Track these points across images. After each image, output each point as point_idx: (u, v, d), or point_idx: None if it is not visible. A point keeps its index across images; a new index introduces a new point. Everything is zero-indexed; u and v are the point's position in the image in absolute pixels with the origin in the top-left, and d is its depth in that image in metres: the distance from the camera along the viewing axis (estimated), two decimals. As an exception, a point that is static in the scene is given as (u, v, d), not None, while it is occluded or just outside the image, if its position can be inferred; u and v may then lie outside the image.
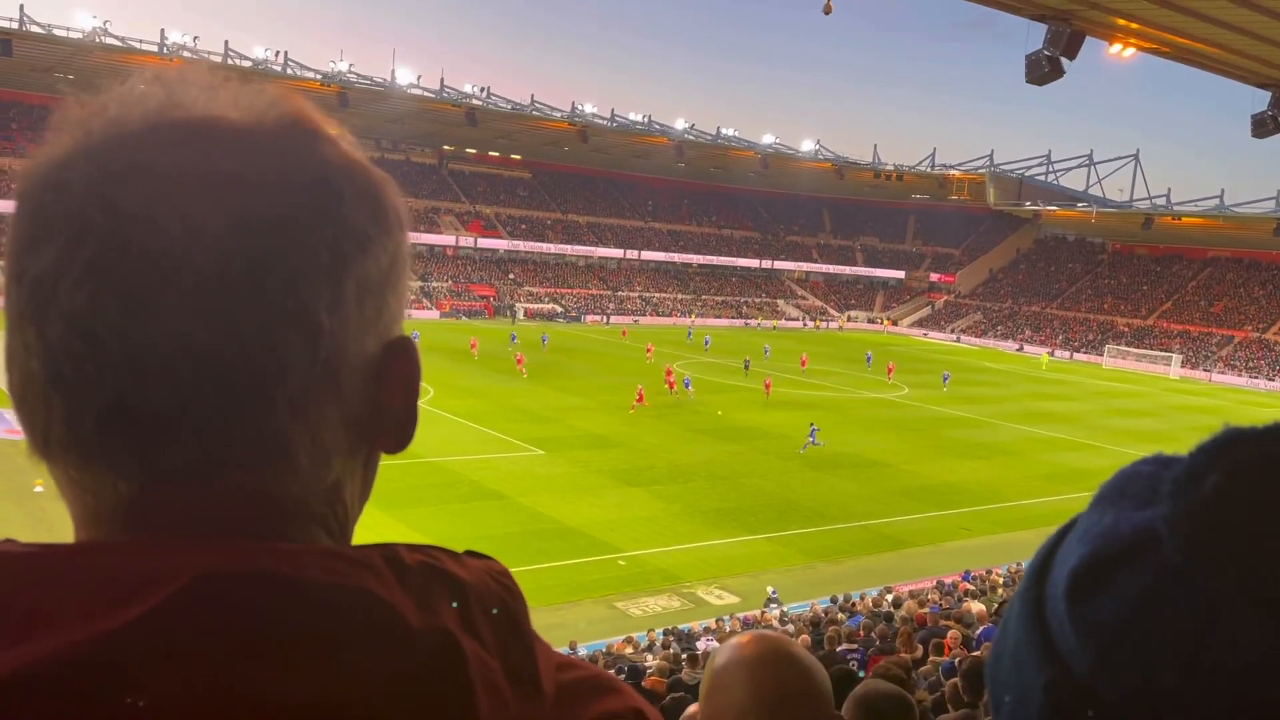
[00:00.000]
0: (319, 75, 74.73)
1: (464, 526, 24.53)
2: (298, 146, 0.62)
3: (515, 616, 0.64)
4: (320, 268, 0.59)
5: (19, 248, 0.59)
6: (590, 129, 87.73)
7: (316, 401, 0.61)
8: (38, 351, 0.58)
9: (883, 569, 23.70)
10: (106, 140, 0.60)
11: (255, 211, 0.58)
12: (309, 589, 0.55)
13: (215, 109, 0.61)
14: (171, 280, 0.56)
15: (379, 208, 0.66)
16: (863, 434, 40.45)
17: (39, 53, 65.56)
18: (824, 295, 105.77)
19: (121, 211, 0.56)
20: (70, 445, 0.59)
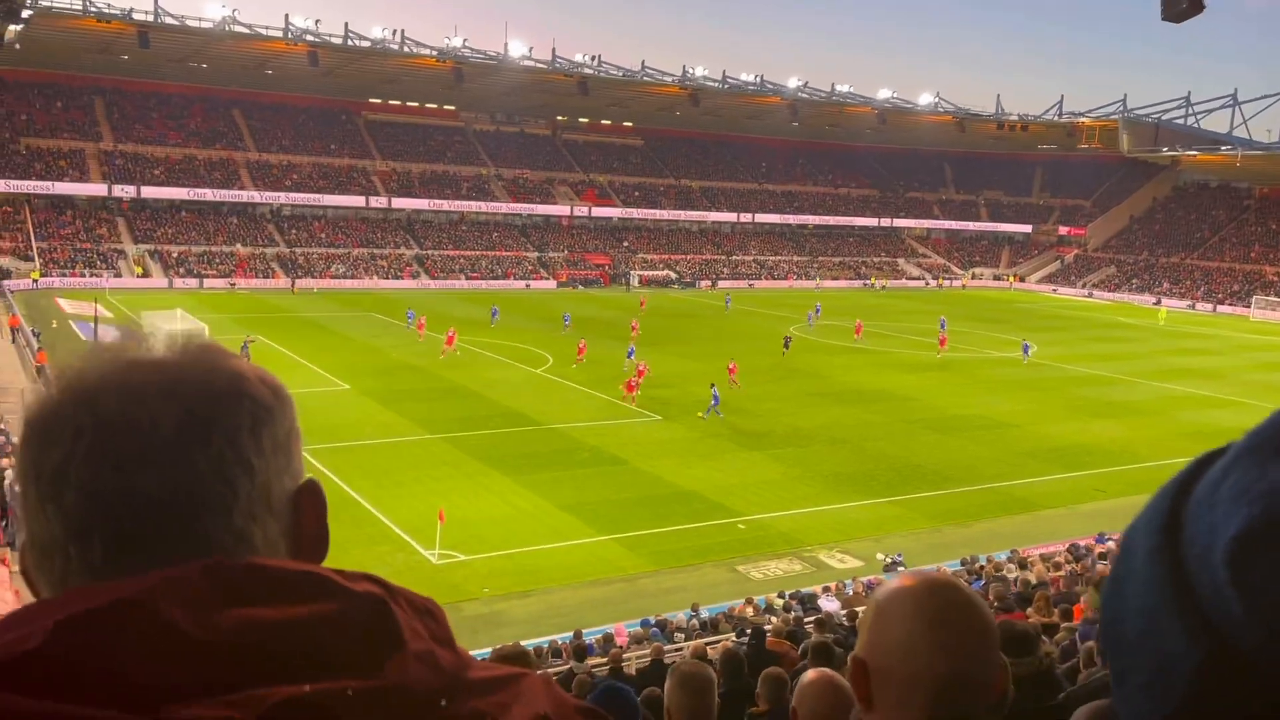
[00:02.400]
0: (434, 51, 76.01)
1: (586, 491, 24.90)
2: (213, 359, 0.88)
3: (438, 613, 0.86)
4: (246, 427, 0.86)
5: (34, 455, 0.83)
6: (702, 92, 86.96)
7: (261, 514, 0.86)
8: (58, 519, 0.82)
9: (1012, 532, 23.07)
10: (80, 378, 0.85)
11: (196, 399, 0.84)
12: (274, 569, 0.81)
13: (149, 351, 0.87)
14: (148, 449, 0.81)
15: (275, 389, 0.90)
16: (988, 394, 39.31)
17: (174, 44, 68.66)
18: (946, 253, 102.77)
19: (103, 413, 0.82)
20: (85, 572, 0.82)
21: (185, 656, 0.72)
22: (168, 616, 0.73)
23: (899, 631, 1.37)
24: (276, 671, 0.73)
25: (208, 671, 0.72)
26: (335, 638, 0.77)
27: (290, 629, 0.76)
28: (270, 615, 0.76)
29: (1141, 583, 0.50)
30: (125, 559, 0.81)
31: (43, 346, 37.03)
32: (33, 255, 63.27)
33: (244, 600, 0.76)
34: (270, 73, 78.05)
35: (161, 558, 0.80)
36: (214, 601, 0.75)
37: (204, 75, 77.71)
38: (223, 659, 0.72)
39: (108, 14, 62.16)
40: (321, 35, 71.37)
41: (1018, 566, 15.63)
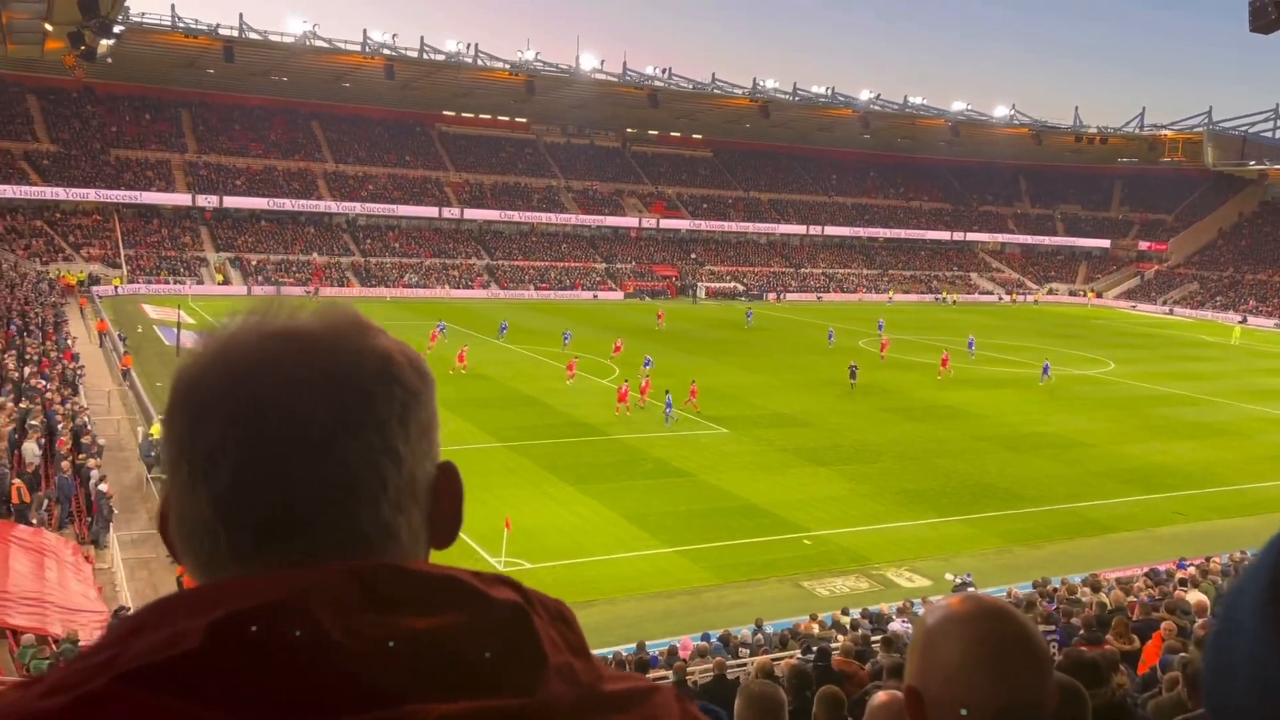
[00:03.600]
0: (507, 65, 77.03)
1: (650, 503, 24.87)
2: (361, 336, 0.87)
3: (571, 623, 0.85)
4: (397, 416, 0.85)
5: (186, 431, 0.84)
6: (772, 104, 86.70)
7: (406, 503, 0.86)
8: (209, 502, 0.82)
9: (1087, 555, 22.45)
10: (231, 351, 0.85)
11: (348, 383, 0.84)
12: (418, 574, 0.81)
13: (294, 319, 0.87)
14: (302, 439, 0.81)
15: (420, 370, 0.89)
16: (1063, 412, 38.38)
17: (257, 58, 70.61)
18: (1021, 267, 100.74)
19: (259, 399, 0.82)
20: (234, 558, 0.82)
21: (335, 666, 0.72)
22: (318, 623, 0.73)
23: (954, 660, 1.32)
24: (425, 686, 0.73)
25: (357, 683, 0.71)
26: (479, 649, 0.76)
27: (436, 640, 0.75)
28: (415, 624, 0.75)
29: (1256, 638, 0.49)
30: (274, 548, 0.82)
31: (128, 351, 38.27)
32: (120, 263, 65.45)
33: (389, 606, 0.76)
34: (348, 86, 79.80)
35: (310, 549, 0.82)
36: (361, 607, 0.75)
37: (284, 88, 79.77)
38: (371, 669, 0.72)
39: (195, 29, 64.21)
40: (398, 49, 72.81)
41: (1092, 590, 15.19)
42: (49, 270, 60.03)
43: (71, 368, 32.75)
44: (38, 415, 23.92)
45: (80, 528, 20.07)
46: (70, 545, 18.73)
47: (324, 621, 0.73)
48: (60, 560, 17.39)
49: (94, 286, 59.73)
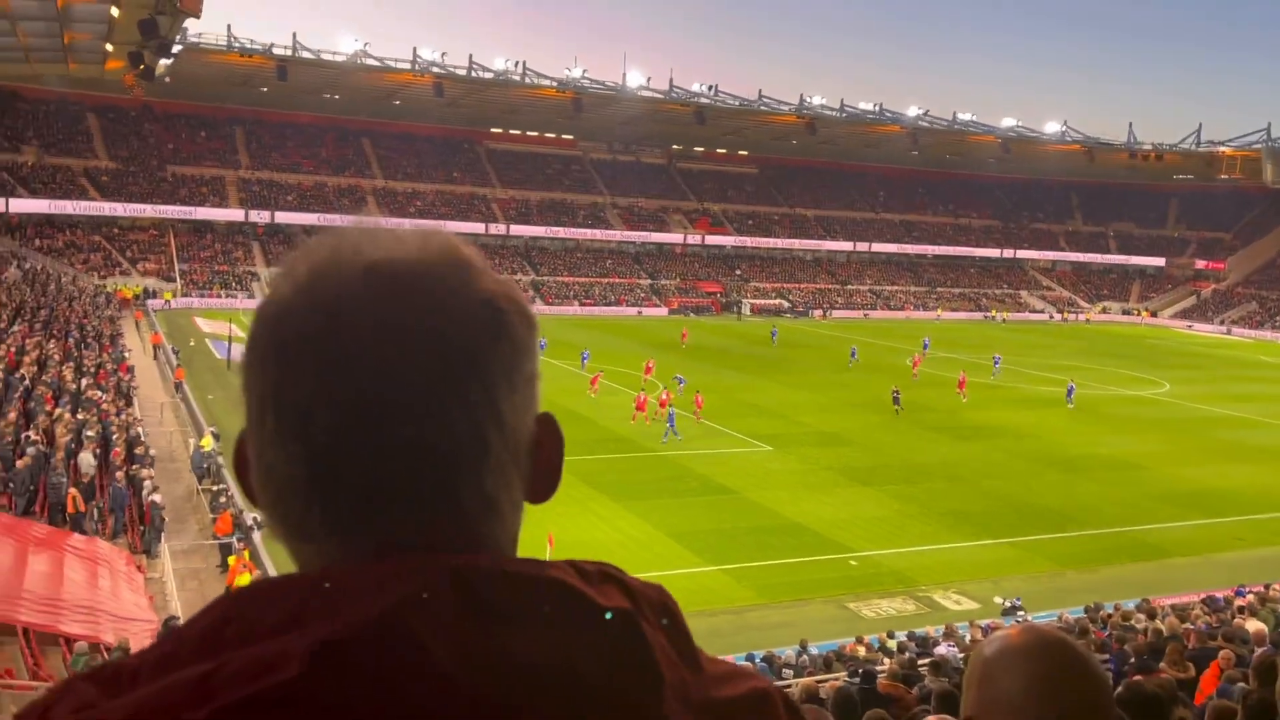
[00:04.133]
0: (554, 82, 77.63)
1: (694, 520, 24.74)
2: (461, 278, 0.79)
3: (675, 614, 0.80)
4: (503, 372, 0.78)
5: (271, 380, 0.76)
6: (819, 120, 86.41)
7: (508, 470, 0.80)
8: (301, 460, 0.75)
9: (1142, 580, 21.89)
10: (321, 286, 0.77)
11: (453, 336, 0.76)
12: (523, 578, 0.74)
13: (392, 250, 0.79)
14: (401, 396, 0.74)
15: (527, 316, 0.82)
16: (1116, 433, 37.63)
17: (310, 76, 71.87)
18: (1072, 286, 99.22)
19: (356, 349, 0.74)
20: (321, 526, 0.76)
21: (441, 693, 0.67)
22: (423, 645, 0.68)
23: (1014, 692, 1.30)
24: (537, 713, 0.68)
25: (465, 711, 0.67)
26: (593, 673, 0.70)
27: (547, 661, 0.69)
28: (527, 646, 0.69)
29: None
30: (369, 521, 0.76)
31: (181, 364, 38.97)
32: (174, 277, 66.81)
33: (493, 618, 0.70)
34: (398, 103, 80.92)
35: (407, 523, 0.76)
36: (463, 621, 0.69)
37: (336, 106, 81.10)
38: (479, 696, 0.67)
39: (250, 49, 65.54)
40: (447, 67, 73.72)
41: (1147, 616, 14.80)
42: (106, 284, 61.46)
43: (126, 380, 33.40)
44: (94, 426, 24.40)
45: (133, 537, 20.41)
46: (123, 554, 19.05)
47: (428, 642, 0.68)
48: (113, 569, 17.69)
49: (148, 300, 61.02)
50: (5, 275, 49.83)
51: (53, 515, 19.72)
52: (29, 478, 20.08)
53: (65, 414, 24.67)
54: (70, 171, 71.35)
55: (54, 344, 34.27)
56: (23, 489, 19.93)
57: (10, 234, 63.46)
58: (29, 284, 49.82)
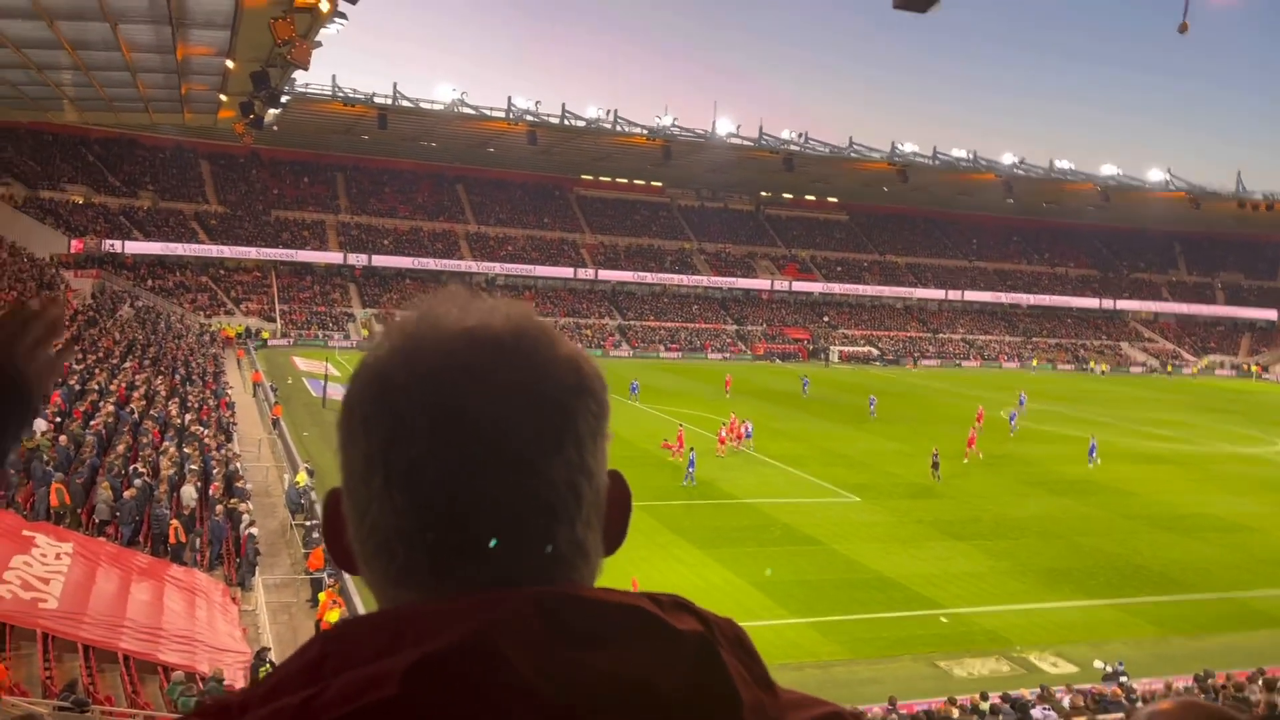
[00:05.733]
0: (645, 130, 78.57)
1: (777, 570, 24.34)
2: (551, 344, 0.85)
3: (747, 642, 0.84)
4: (589, 429, 0.84)
5: (379, 440, 0.80)
6: (911, 168, 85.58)
7: (594, 519, 0.86)
8: (411, 512, 0.80)
9: (1255, 649, 20.74)
10: (420, 352, 0.82)
11: (549, 397, 0.82)
12: (604, 605, 0.78)
13: (480, 322, 0.84)
14: (506, 454, 0.79)
15: (602, 378, 0.88)
16: (1224, 492, 35.96)
17: (408, 124, 74.10)
18: (1176, 338, 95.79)
19: (461, 408, 0.79)
20: (436, 575, 0.81)
21: (531, 709, 0.70)
22: (512, 663, 0.71)
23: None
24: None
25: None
26: (671, 690, 0.73)
27: (629, 679, 0.73)
28: (607, 663, 0.73)
29: None
30: (472, 568, 0.80)
31: (279, 401, 40.16)
32: (275, 316, 69.14)
33: (576, 641, 0.74)
34: (492, 150, 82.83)
35: (508, 570, 0.80)
36: (550, 644, 0.73)
37: (432, 153, 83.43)
38: (564, 710, 0.70)
39: (353, 98, 67.92)
40: (540, 116, 75.23)
41: (1264, 688, 14.00)
42: (211, 323, 63.90)
43: (227, 416, 34.54)
44: (196, 460, 25.26)
45: (229, 570, 20.95)
46: (219, 586, 19.56)
47: (515, 661, 0.71)
48: (210, 600, 18.16)
49: (250, 339, 63.24)
50: (119, 314, 52.24)
51: (155, 546, 20.40)
52: (135, 508, 20.84)
53: (170, 448, 25.59)
54: (182, 215, 74.72)
55: (161, 380, 35.68)
56: (129, 519, 20.68)
57: (125, 274, 66.57)
58: (140, 322, 52.12)
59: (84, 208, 69.79)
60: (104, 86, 39.81)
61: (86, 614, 14.96)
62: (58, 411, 25.74)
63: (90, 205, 70.40)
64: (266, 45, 29.45)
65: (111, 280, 62.67)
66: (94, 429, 25.22)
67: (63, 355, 1.32)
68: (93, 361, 34.87)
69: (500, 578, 0.80)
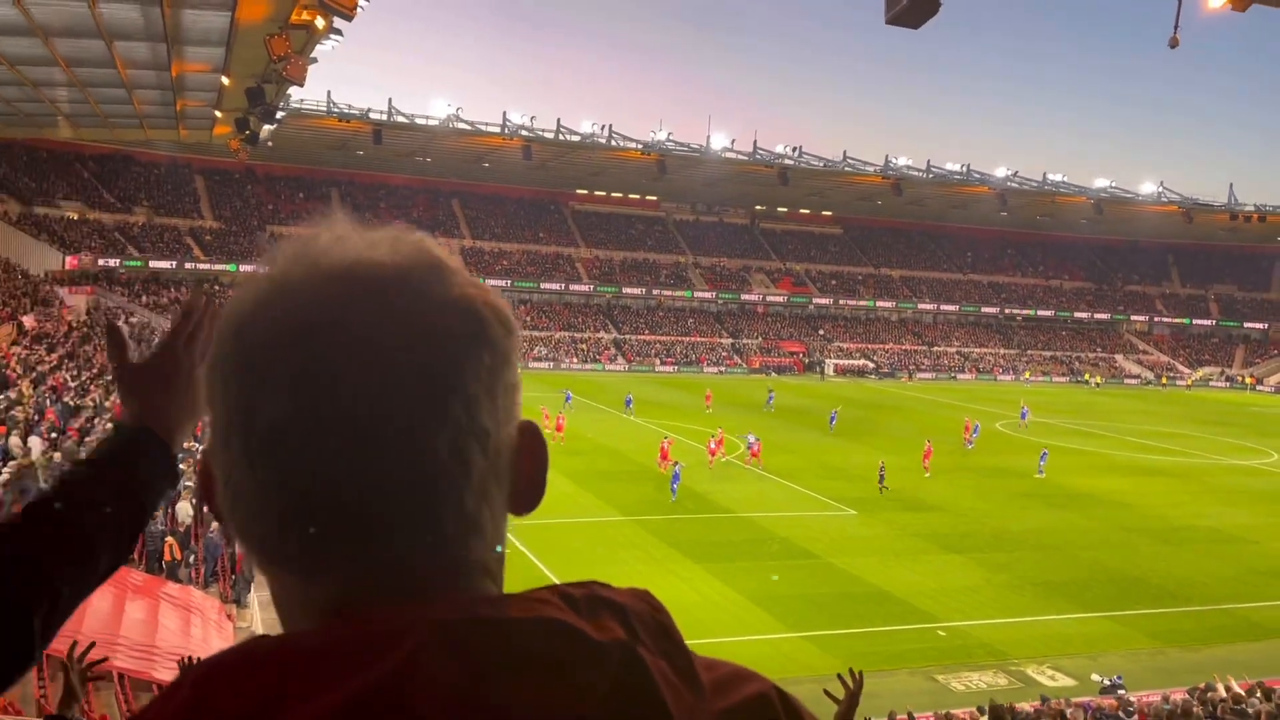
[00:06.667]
0: (640, 145, 78.79)
1: (776, 584, 24.31)
2: (438, 283, 0.74)
3: (667, 627, 0.77)
4: (484, 385, 0.73)
5: (236, 400, 0.70)
6: (905, 181, 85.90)
7: (490, 486, 0.74)
8: (274, 485, 0.69)
9: (1252, 661, 20.72)
10: (285, 296, 0.71)
11: (432, 351, 0.70)
12: (515, 625, 0.68)
13: (362, 258, 0.73)
14: (379, 419, 0.68)
15: (506, 321, 0.76)
16: (1220, 504, 36.01)
17: (403, 139, 74.28)
18: (1170, 350, 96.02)
19: (324, 366, 0.68)
20: (297, 559, 0.71)
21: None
22: (424, 716, 0.63)
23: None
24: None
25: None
26: (598, 715, 0.66)
27: (550, 711, 0.64)
28: (526, 696, 0.64)
29: None
30: (346, 551, 0.70)
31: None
32: (271, 331, 69.11)
33: (492, 673, 0.64)
34: (487, 165, 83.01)
35: (385, 552, 0.71)
36: (466, 688, 0.63)
37: (427, 168, 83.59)
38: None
39: (348, 114, 68.06)
40: (535, 130, 75.45)
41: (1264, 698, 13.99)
42: (207, 338, 63.84)
43: (223, 431, 34.43)
44: (191, 476, 25.18)
45: (224, 587, 20.87)
46: (215, 603, 19.48)
47: (426, 715, 0.62)
48: (205, 618, 18.09)
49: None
50: (114, 329, 52.08)
51: (150, 563, 20.31)
52: (129, 525, 20.74)
53: (165, 464, 25.49)
54: (177, 231, 74.72)
55: (156, 396, 35.58)
56: (123, 536, 20.58)
57: (120, 290, 66.50)
58: (135, 339, 52.06)
59: (79, 224, 69.75)
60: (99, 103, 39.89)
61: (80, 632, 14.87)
62: (52, 428, 25.65)
63: (85, 221, 70.37)
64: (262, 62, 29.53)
65: (106, 296, 62.60)
66: (89, 446, 25.15)
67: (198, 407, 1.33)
68: (88, 378, 34.78)
69: (379, 563, 0.71)
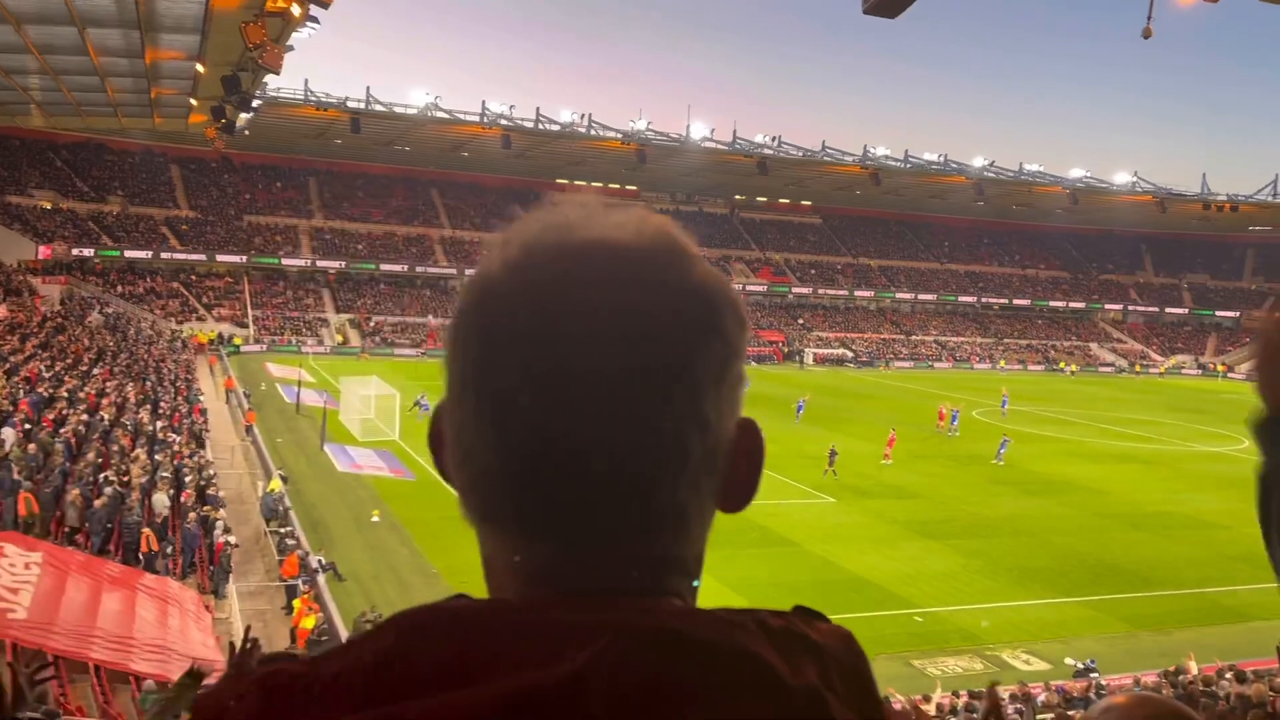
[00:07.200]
0: (619, 134, 78.68)
1: (754, 572, 24.44)
2: (678, 268, 0.73)
3: (863, 675, 0.75)
4: (711, 374, 0.72)
5: (473, 361, 0.72)
6: (883, 171, 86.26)
7: (703, 480, 0.73)
8: (497, 448, 0.70)
9: (1222, 644, 21.10)
10: (530, 264, 0.72)
11: (666, 332, 0.70)
12: (706, 648, 0.66)
13: (608, 235, 0.73)
14: (605, 393, 0.68)
15: (740, 313, 0.76)
16: (1193, 490, 36.48)
17: (381, 128, 73.86)
18: (1144, 339, 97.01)
19: (562, 336, 0.68)
20: (514, 519, 0.72)
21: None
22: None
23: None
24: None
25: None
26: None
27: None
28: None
29: None
30: (563, 519, 0.71)
31: (252, 408, 39.86)
32: (248, 322, 68.61)
33: (675, 696, 0.63)
34: (466, 154, 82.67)
35: (598, 530, 0.71)
36: (643, 699, 0.63)
37: (406, 157, 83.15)
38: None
39: (326, 102, 67.62)
40: (515, 120, 75.19)
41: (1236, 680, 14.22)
42: (183, 329, 63.33)
43: (200, 423, 34.25)
44: (168, 467, 25.05)
45: (202, 578, 20.80)
46: (192, 594, 19.40)
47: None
48: (183, 609, 18.01)
49: (222, 346, 62.74)
50: (88, 320, 51.68)
51: (126, 554, 20.20)
52: (106, 517, 20.64)
53: (141, 455, 25.36)
54: (153, 221, 74.00)
55: (132, 387, 35.34)
56: (99, 527, 20.48)
57: (94, 279, 65.86)
58: (110, 328, 51.58)
59: (52, 213, 68.99)
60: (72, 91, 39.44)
61: (56, 624, 14.79)
62: (26, 419, 25.43)
63: (58, 211, 69.61)
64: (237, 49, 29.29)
65: (80, 286, 61.99)
66: (63, 436, 24.95)
67: None
68: (62, 369, 34.47)
69: (586, 536, 0.71)
